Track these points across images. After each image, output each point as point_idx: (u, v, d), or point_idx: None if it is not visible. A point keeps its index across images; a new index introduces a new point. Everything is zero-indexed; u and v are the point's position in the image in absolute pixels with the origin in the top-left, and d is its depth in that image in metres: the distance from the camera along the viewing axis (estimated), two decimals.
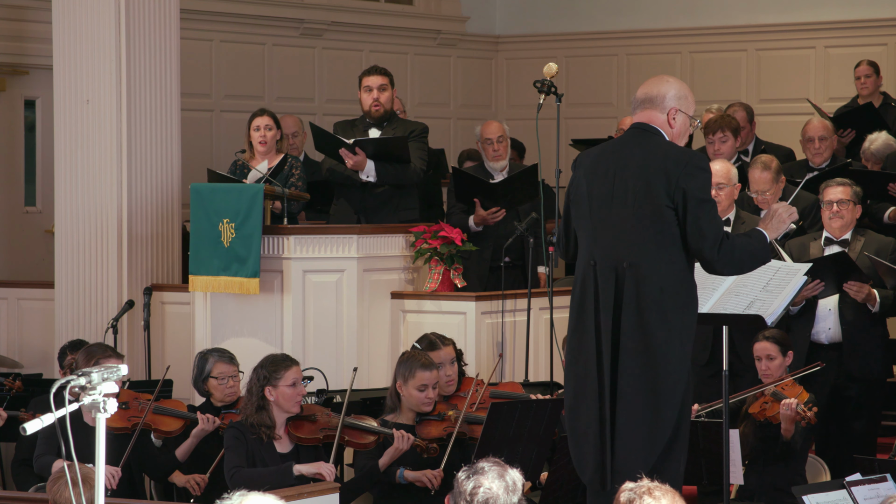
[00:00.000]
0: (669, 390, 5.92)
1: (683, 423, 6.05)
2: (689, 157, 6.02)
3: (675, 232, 5.94)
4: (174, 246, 9.94)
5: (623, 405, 5.95)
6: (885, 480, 6.31)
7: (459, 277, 9.10)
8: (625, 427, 5.95)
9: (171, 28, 9.91)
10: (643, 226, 5.95)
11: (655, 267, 5.94)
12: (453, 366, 7.82)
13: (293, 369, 7.23)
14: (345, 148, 9.23)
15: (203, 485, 7.58)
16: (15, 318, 10.58)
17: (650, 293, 5.92)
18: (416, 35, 14.19)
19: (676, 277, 5.96)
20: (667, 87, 6.11)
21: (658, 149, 6.02)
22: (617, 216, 6.01)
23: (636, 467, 5.77)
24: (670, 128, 6.10)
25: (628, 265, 5.95)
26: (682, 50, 14.03)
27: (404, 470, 7.25)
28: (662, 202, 5.92)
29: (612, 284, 5.98)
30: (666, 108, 6.09)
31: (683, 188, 5.89)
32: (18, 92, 12.06)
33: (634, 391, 5.93)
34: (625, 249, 5.98)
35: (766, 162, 8.98)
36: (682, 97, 6.11)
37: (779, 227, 6.16)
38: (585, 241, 6.12)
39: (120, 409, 7.44)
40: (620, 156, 6.10)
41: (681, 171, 5.91)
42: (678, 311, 5.95)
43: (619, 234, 6.00)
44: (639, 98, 6.16)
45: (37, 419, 4.14)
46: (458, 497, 4.29)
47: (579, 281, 6.10)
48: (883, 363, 8.64)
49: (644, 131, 6.10)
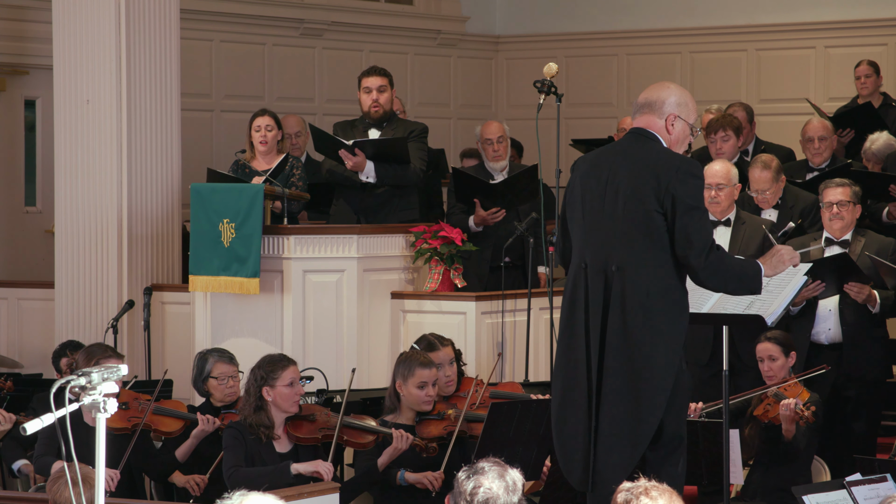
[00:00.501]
0: (651, 395, 5.91)
1: (682, 427, 6.05)
2: (680, 163, 6.01)
3: (664, 237, 5.93)
4: (174, 246, 9.94)
5: (605, 408, 5.95)
6: (885, 480, 6.31)
7: (459, 277, 9.11)
8: (606, 431, 5.95)
9: (171, 28, 9.91)
10: (632, 230, 5.96)
11: (643, 271, 5.94)
12: (452, 366, 7.81)
13: (290, 369, 7.22)
14: (344, 149, 9.23)
15: (203, 485, 7.58)
16: (15, 318, 10.59)
17: (636, 296, 5.92)
18: (416, 35, 14.19)
19: (664, 282, 5.95)
20: (667, 93, 6.11)
21: (651, 154, 6.03)
22: (607, 219, 6.02)
23: (616, 471, 5.80)
24: (668, 134, 6.09)
25: (616, 268, 5.96)
26: (682, 50, 14.03)
27: (405, 472, 7.25)
28: (652, 207, 5.92)
29: (602, 287, 5.99)
30: (664, 114, 6.08)
31: (673, 194, 5.89)
32: (18, 92, 12.06)
33: (617, 395, 5.94)
34: (614, 252, 5.98)
35: (766, 161, 8.99)
36: (682, 104, 6.11)
37: (777, 267, 6.15)
38: (578, 243, 6.14)
39: (120, 409, 7.44)
40: (615, 160, 6.12)
41: (671, 176, 5.91)
42: (664, 316, 5.94)
43: (608, 237, 6.01)
44: (639, 102, 6.17)
45: (37, 419, 4.14)
46: (459, 497, 4.29)
47: (570, 283, 6.11)
48: (883, 364, 8.64)
49: (641, 136, 6.11)
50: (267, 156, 9.44)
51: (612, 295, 5.96)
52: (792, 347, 7.88)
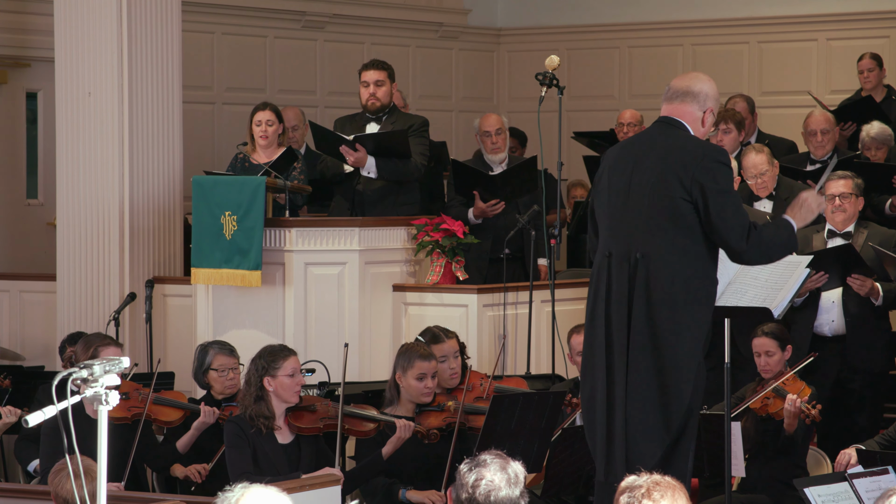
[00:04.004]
0: (676, 384, 5.91)
1: (691, 421, 6.04)
2: (707, 150, 6.02)
3: (691, 224, 5.92)
4: (176, 238, 9.94)
5: (633, 398, 5.95)
6: (886, 473, 6.31)
7: (461, 270, 9.10)
8: (635, 420, 5.94)
9: (172, 20, 9.90)
10: (658, 218, 5.94)
11: (668, 258, 5.92)
12: (457, 359, 7.81)
13: (291, 359, 7.22)
14: (345, 145, 9.21)
15: (204, 474, 7.58)
16: (17, 311, 10.59)
17: (661, 284, 5.91)
18: (417, 28, 14.18)
19: (688, 270, 5.94)
20: (709, 86, 6.13)
21: (678, 142, 6.02)
22: (633, 208, 6.01)
23: (646, 461, 5.79)
24: (702, 126, 6.11)
25: (641, 255, 5.94)
26: (684, 42, 14.02)
27: (406, 491, 7.26)
28: (678, 195, 5.91)
29: (626, 276, 5.97)
30: (705, 106, 6.10)
31: (701, 182, 5.88)
32: (20, 84, 12.05)
33: (644, 385, 5.93)
34: (639, 241, 5.97)
35: (756, 147, 9.11)
36: (717, 99, 6.16)
37: (807, 217, 6.17)
38: (603, 233, 6.13)
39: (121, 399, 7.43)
40: (641, 149, 6.12)
41: (698, 164, 5.91)
42: (689, 304, 5.93)
43: (634, 225, 6.00)
44: (678, 89, 6.13)
45: (39, 411, 4.14)
46: (460, 489, 4.29)
47: (595, 273, 6.12)
48: (886, 356, 8.63)
49: (669, 125, 6.10)
50: (268, 149, 9.43)
51: (636, 284, 5.94)
52: (788, 341, 7.87)
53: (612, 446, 5.97)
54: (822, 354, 8.28)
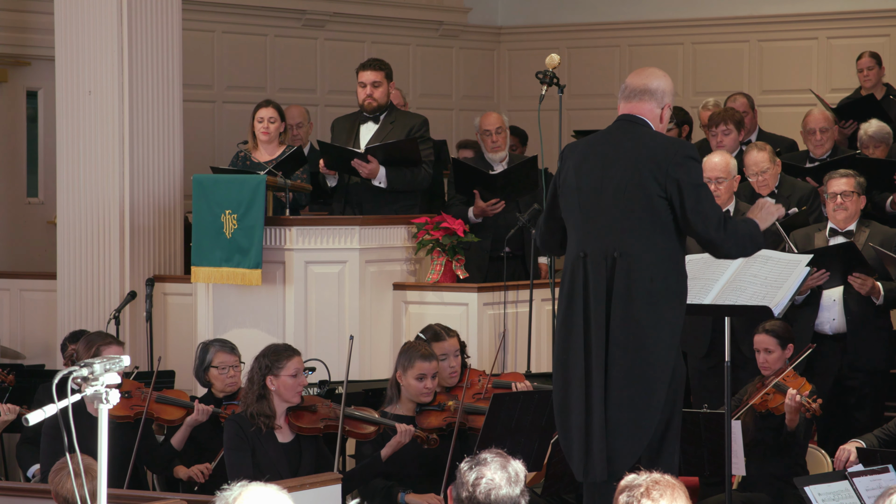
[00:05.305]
0: (656, 379, 5.93)
1: (675, 417, 6.05)
2: (677, 146, 6.12)
3: (666, 221, 5.97)
4: (176, 237, 9.94)
5: (613, 396, 5.95)
6: (887, 471, 6.31)
7: (462, 268, 9.10)
8: (615, 418, 5.95)
9: (173, 19, 9.90)
10: (633, 216, 5.98)
11: (646, 256, 5.96)
12: (457, 357, 7.82)
13: (295, 359, 7.23)
14: (357, 158, 9.14)
15: (207, 473, 7.58)
16: (17, 309, 10.59)
17: (640, 282, 5.94)
18: (418, 26, 14.18)
19: (666, 267, 5.98)
20: (665, 82, 6.22)
21: (647, 139, 6.08)
22: (607, 207, 6.04)
23: (625, 458, 5.81)
24: (661, 122, 6.20)
25: (619, 255, 5.97)
26: (685, 41, 14.01)
27: (405, 494, 7.26)
28: (654, 192, 5.95)
29: (603, 275, 5.99)
30: (663, 102, 6.19)
31: (676, 178, 5.94)
32: (20, 83, 12.05)
33: (624, 382, 5.94)
34: (615, 240, 6.00)
35: (758, 145, 9.10)
36: (673, 94, 6.26)
37: (767, 219, 6.28)
38: (575, 233, 6.13)
39: (123, 398, 7.44)
40: (609, 148, 6.14)
41: (671, 161, 5.97)
42: (668, 301, 5.97)
43: (609, 225, 6.02)
44: (636, 88, 6.20)
45: (39, 410, 4.14)
46: (461, 488, 4.29)
47: (568, 273, 6.11)
48: (887, 354, 8.63)
49: (633, 123, 6.16)
50: (269, 147, 9.43)
51: (615, 283, 5.96)
52: (789, 339, 7.87)
53: (590, 445, 5.96)
54: (823, 352, 8.28)
